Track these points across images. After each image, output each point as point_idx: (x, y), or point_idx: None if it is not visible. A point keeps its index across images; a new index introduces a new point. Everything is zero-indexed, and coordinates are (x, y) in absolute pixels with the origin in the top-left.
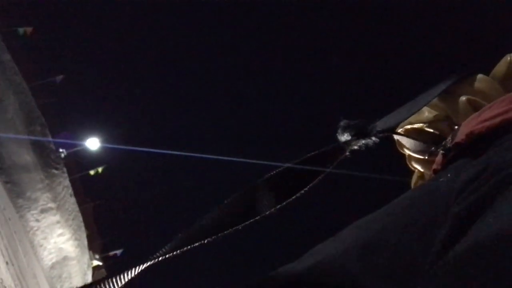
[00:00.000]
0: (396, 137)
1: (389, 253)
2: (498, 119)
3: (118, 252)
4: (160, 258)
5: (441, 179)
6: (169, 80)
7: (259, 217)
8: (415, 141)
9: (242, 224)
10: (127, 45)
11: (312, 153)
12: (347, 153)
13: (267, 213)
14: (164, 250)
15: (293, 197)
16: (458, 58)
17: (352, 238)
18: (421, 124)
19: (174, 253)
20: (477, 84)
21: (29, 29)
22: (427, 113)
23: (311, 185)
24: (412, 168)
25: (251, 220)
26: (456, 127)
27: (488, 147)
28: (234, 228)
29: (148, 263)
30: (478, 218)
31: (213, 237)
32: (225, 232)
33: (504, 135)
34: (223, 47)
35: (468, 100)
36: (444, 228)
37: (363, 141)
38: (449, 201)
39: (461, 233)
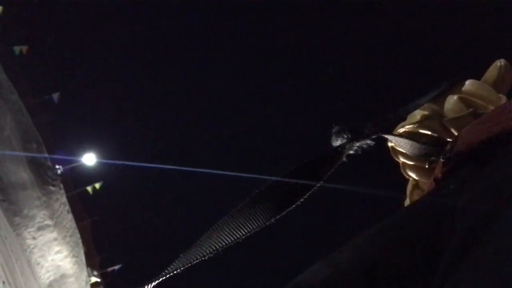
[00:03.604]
0: (390, 143)
1: (395, 271)
2: (498, 127)
3: (116, 267)
4: (167, 276)
5: (444, 191)
6: (167, 96)
7: (257, 229)
8: (410, 143)
9: (241, 239)
10: (123, 61)
11: (306, 160)
12: (343, 158)
13: (265, 225)
14: (170, 268)
15: (290, 208)
16: (455, 61)
17: (357, 253)
18: (412, 126)
19: (180, 270)
20: (467, 87)
21: (25, 48)
22: (417, 115)
23: (306, 196)
24: (407, 177)
25: (249, 234)
26: (452, 130)
27: (491, 156)
28: (234, 242)
29: (156, 282)
30: (482, 238)
31: (218, 251)
32: (227, 246)
33: (508, 145)
34: (220, 59)
35: (460, 98)
36: (450, 246)
37: (358, 144)
38: (454, 217)
39: (466, 253)
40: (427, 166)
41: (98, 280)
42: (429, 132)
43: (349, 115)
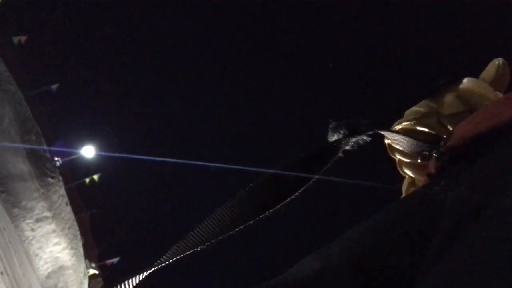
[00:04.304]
0: (386, 140)
1: (384, 265)
2: (489, 122)
3: (115, 260)
4: (158, 266)
5: (435, 187)
6: (165, 88)
7: (253, 221)
8: (407, 139)
9: (237, 229)
10: (122, 53)
11: (303, 155)
12: (340, 153)
13: (260, 217)
14: (162, 259)
15: (285, 201)
16: (452, 59)
17: (347, 248)
18: (409, 123)
19: (171, 261)
20: (465, 84)
21: (23, 38)
22: (414, 112)
23: (302, 189)
24: (403, 174)
25: (245, 225)
26: (449, 127)
27: (481, 151)
28: (228, 234)
29: (147, 272)
30: (467, 232)
31: (210, 243)
32: (219, 238)
33: (497, 140)
34: (219, 52)
35: (457, 95)
36: (436, 240)
37: (354, 140)
38: (442, 213)
39: (451, 246)
40: (419, 161)
41: (96, 272)
42: (426, 129)
43: (347, 111)
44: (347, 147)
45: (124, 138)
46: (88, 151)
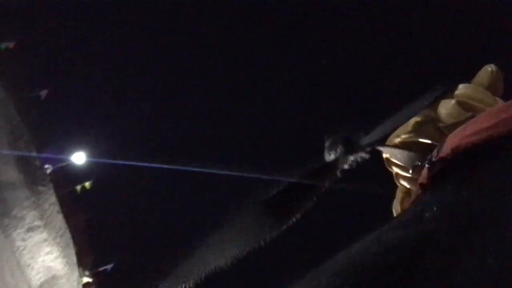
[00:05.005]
0: (384, 154)
1: None
2: (484, 135)
3: (108, 267)
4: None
5: (425, 214)
6: (157, 93)
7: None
8: (406, 153)
9: (236, 260)
10: (112, 58)
11: (300, 174)
12: (338, 173)
13: (260, 244)
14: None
15: (287, 226)
16: (446, 64)
17: (338, 277)
18: (408, 135)
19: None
20: (463, 90)
21: (11, 44)
22: (413, 123)
23: (303, 213)
24: (401, 186)
25: (246, 253)
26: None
27: (476, 164)
28: (228, 265)
29: None
30: (459, 264)
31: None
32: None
33: (492, 154)
34: (213, 54)
35: (458, 101)
36: (428, 268)
37: (352, 158)
38: (433, 239)
39: (442, 277)
40: (411, 171)
41: (90, 280)
42: (428, 141)
43: (342, 119)
44: (345, 167)
45: (115, 144)
46: (79, 158)
